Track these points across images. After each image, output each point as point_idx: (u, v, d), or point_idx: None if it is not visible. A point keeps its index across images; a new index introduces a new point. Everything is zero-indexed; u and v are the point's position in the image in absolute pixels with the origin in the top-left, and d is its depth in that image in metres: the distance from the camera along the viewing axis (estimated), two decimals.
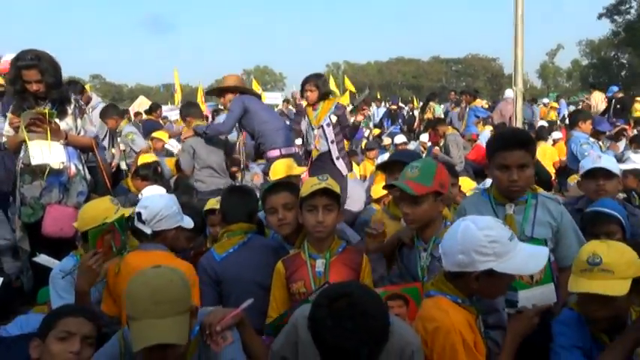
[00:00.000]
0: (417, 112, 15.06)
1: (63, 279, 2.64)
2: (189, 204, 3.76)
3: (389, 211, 3.05)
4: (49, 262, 3.02)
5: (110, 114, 6.32)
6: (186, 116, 5.62)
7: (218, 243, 2.73)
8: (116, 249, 2.60)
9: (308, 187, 2.37)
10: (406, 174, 2.28)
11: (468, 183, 4.25)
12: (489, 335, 2.03)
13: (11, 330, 2.56)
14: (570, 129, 6.76)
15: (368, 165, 7.97)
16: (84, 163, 3.83)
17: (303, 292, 2.31)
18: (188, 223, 2.90)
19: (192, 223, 2.96)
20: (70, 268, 2.65)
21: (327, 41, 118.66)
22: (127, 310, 1.76)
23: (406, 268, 2.41)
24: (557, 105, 17.23)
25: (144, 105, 16.19)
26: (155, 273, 1.79)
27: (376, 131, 13.35)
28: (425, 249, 2.29)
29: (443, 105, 13.98)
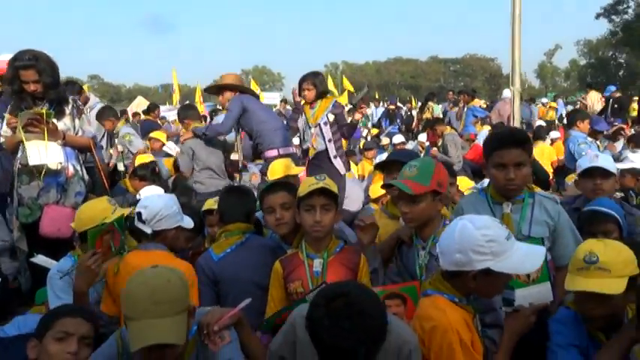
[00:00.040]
0: (415, 112, 15.07)
1: (61, 279, 2.63)
2: (187, 204, 3.76)
3: (387, 211, 3.06)
4: (46, 262, 3.01)
5: (107, 116, 6.32)
6: (184, 118, 5.62)
7: (216, 243, 2.73)
8: (115, 249, 2.59)
9: (305, 186, 2.36)
10: (404, 173, 2.28)
11: (465, 182, 4.27)
12: (487, 334, 2.04)
13: (9, 330, 2.55)
14: (568, 128, 6.75)
15: (366, 165, 7.97)
16: (82, 163, 3.83)
17: (300, 292, 2.30)
18: (188, 223, 2.89)
19: (192, 223, 2.95)
20: (68, 268, 2.65)
21: (326, 41, 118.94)
22: (124, 310, 1.75)
23: (405, 266, 2.41)
24: (556, 105, 17.27)
25: (142, 105, 16.14)
26: (153, 273, 1.79)
27: (374, 131, 13.33)
28: (423, 247, 2.30)
29: (441, 105, 14.00)
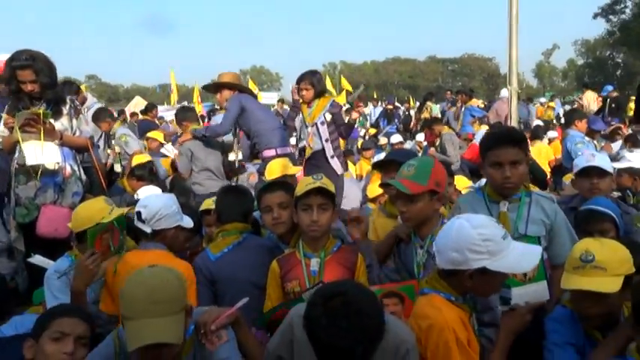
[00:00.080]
0: (413, 112, 15.08)
1: (58, 279, 2.63)
2: (186, 204, 3.75)
3: (385, 210, 3.07)
4: (43, 262, 3.01)
5: (102, 117, 6.33)
6: (182, 120, 5.62)
7: (213, 243, 2.73)
8: (114, 248, 2.60)
9: (303, 186, 2.36)
10: (402, 172, 2.28)
11: (463, 181, 4.27)
12: (483, 333, 2.04)
13: (6, 331, 2.55)
14: (566, 128, 6.78)
15: (364, 164, 7.97)
16: (79, 163, 3.82)
17: (297, 292, 2.30)
18: (188, 222, 2.89)
19: (191, 222, 2.94)
20: (65, 268, 2.64)
21: (324, 41, 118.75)
22: (122, 310, 1.75)
23: (403, 264, 2.41)
24: (554, 104, 17.29)
25: (140, 105, 16.16)
26: (151, 272, 1.79)
27: (372, 131, 13.36)
28: (421, 246, 2.30)
29: (439, 104, 14.02)
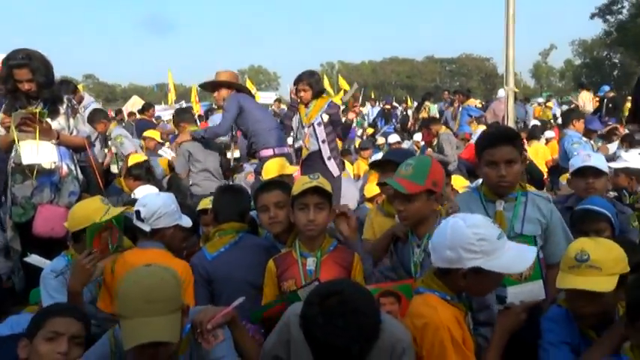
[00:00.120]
0: (410, 112, 15.09)
1: (54, 279, 2.62)
2: (184, 203, 3.74)
3: (383, 209, 3.08)
4: (40, 262, 3.00)
5: (98, 118, 6.34)
6: (180, 122, 5.63)
7: (209, 242, 2.73)
8: (112, 247, 2.60)
9: (299, 185, 2.37)
10: (400, 172, 2.28)
11: (460, 181, 4.28)
12: (479, 332, 2.05)
13: (2, 330, 2.54)
14: (564, 128, 6.80)
15: (362, 164, 7.97)
16: (76, 163, 3.82)
17: (294, 291, 2.30)
18: (187, 222, 2.89)
19: (190, 222, 2.93)
20: (62, 268, 2.64)
21: (321, 41, 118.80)
22: (118, 309, 1.75)
23: (400, 262, 2.42)
24: (552, 104, 17.34)
25: (137, 105, 16.14)
26: (147, 272, 1.79)
27: (370, 131, 13.38)
28: (418, 245, 2.30)
29: (437, 104, 14.03)
